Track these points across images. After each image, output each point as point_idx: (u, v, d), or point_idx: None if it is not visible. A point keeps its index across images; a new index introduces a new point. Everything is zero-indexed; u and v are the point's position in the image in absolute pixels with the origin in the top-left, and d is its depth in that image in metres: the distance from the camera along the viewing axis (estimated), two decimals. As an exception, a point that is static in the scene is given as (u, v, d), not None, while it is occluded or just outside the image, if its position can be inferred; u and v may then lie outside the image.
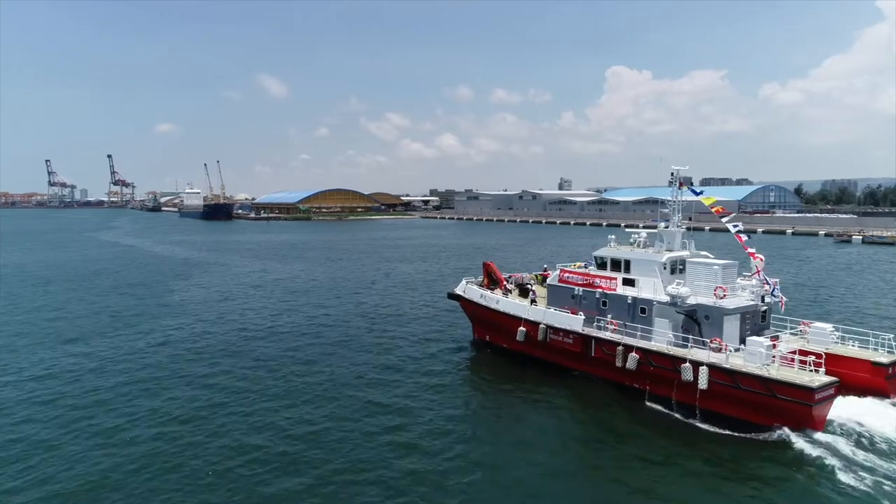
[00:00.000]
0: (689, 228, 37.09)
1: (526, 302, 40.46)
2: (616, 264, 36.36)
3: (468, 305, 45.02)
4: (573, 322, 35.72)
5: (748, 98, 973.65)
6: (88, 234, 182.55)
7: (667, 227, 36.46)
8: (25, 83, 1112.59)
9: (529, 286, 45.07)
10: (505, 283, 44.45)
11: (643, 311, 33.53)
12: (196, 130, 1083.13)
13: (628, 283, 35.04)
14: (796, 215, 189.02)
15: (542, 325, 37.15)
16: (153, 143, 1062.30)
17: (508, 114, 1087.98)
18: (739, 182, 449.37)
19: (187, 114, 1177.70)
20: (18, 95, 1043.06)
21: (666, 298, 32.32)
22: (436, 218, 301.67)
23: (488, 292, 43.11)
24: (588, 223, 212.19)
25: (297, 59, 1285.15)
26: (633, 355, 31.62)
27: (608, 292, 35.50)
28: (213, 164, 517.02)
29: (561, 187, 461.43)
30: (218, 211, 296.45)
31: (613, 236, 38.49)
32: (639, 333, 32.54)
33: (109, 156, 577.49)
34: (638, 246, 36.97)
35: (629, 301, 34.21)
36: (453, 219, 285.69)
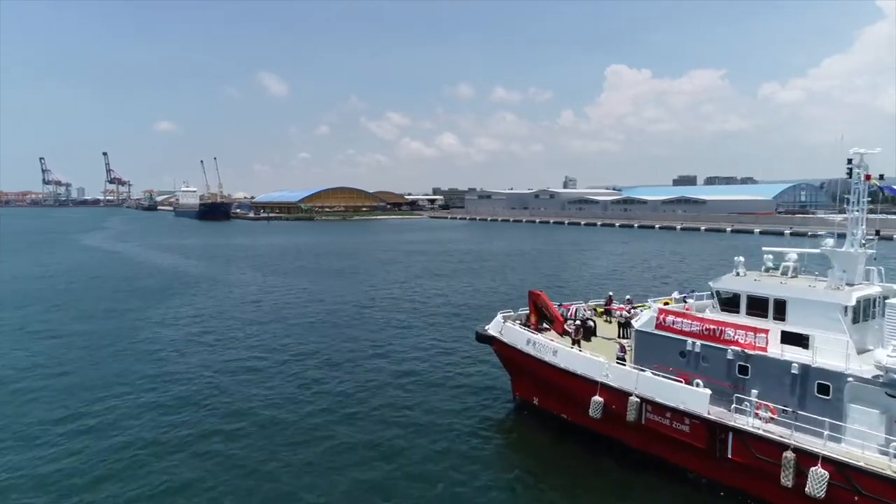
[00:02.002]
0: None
1: (600, 354, 27.12)
2: (759, 304, 23.01)
3: (507, 352, 31.84)
4: (692, 398, 22.53)
5: (748, 97, 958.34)
6: (72, 236, 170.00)
7: (841, 247, 23.16)
8: (24, 81, 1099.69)
9: (591, 324, 31.86)
10: (564, 323, 31.09)
11: (824, 389, 20.18)
12: (196, 129, 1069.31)
13: (790, 338, 21.62)
14: (845, 216, 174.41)
15: (633, 398, 24.02)
16: (153, 141, 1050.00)
17: (508, 112, 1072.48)
18: (744, 181, 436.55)
19: (187, 112, 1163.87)
20: (17, 94, 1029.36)
21: (869, 371, 19.10)
22: (446, 218, 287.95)
23: (539, 336, 29.96)
24: (617, 224, 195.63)
25: (298, 59, 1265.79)
26: (819, 471, 18.52)
27: (752, 352, 22.10)
28: (210, 162, 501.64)
29: (566, 185, 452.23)
30: (215, 210, 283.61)
31: (741, 258, 25.12)
32: (826, 431, 19.24)
33: (105, 153, 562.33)
34: (786, 274, 23.73)
35: (795, 371, 20.85)
36: (465, 219, 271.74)
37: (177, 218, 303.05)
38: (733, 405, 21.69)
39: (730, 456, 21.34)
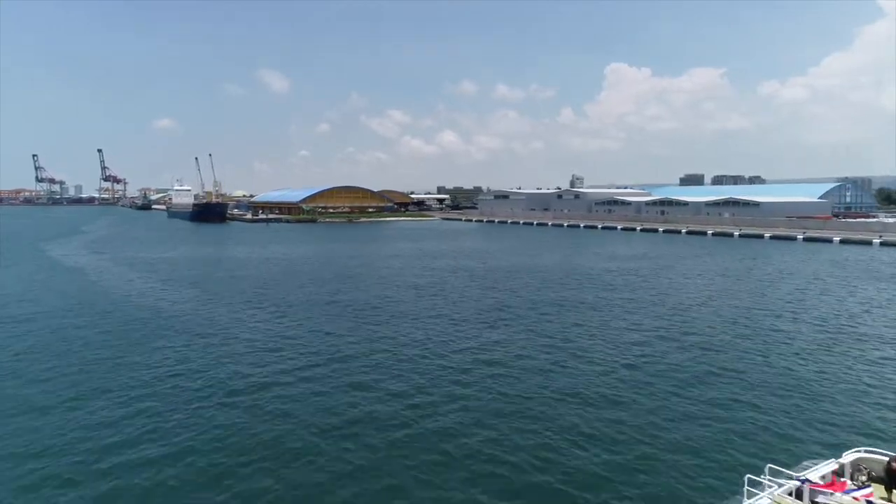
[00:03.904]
0: None
1: None
2: None
3: None
4: None
5: (748, 96, 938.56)
6: (39, 244, 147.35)
7: None
8: (22, 81, 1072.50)
9: None
10: None
11: None
12: (196, 126, 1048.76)
13: None
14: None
15: None
16: (152, 139, 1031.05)
17: (510, 110, 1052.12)
18: (752, 180, 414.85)
19: (187, 110, 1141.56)
20: (15, 93, 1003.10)
21: None
22: (460, 220, 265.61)
23: None
24: (661, 230, 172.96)
25: (298, 58, 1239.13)
26: None
27: None
28: (205, 158, 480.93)
29: (573, 185, 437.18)
30: (210, 211, 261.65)
31: None
32: None
33: (100, 150, 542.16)
34: None
35: None
36: (481, 221, 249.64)
37: (169, 219, 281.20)
38: None
39: None
